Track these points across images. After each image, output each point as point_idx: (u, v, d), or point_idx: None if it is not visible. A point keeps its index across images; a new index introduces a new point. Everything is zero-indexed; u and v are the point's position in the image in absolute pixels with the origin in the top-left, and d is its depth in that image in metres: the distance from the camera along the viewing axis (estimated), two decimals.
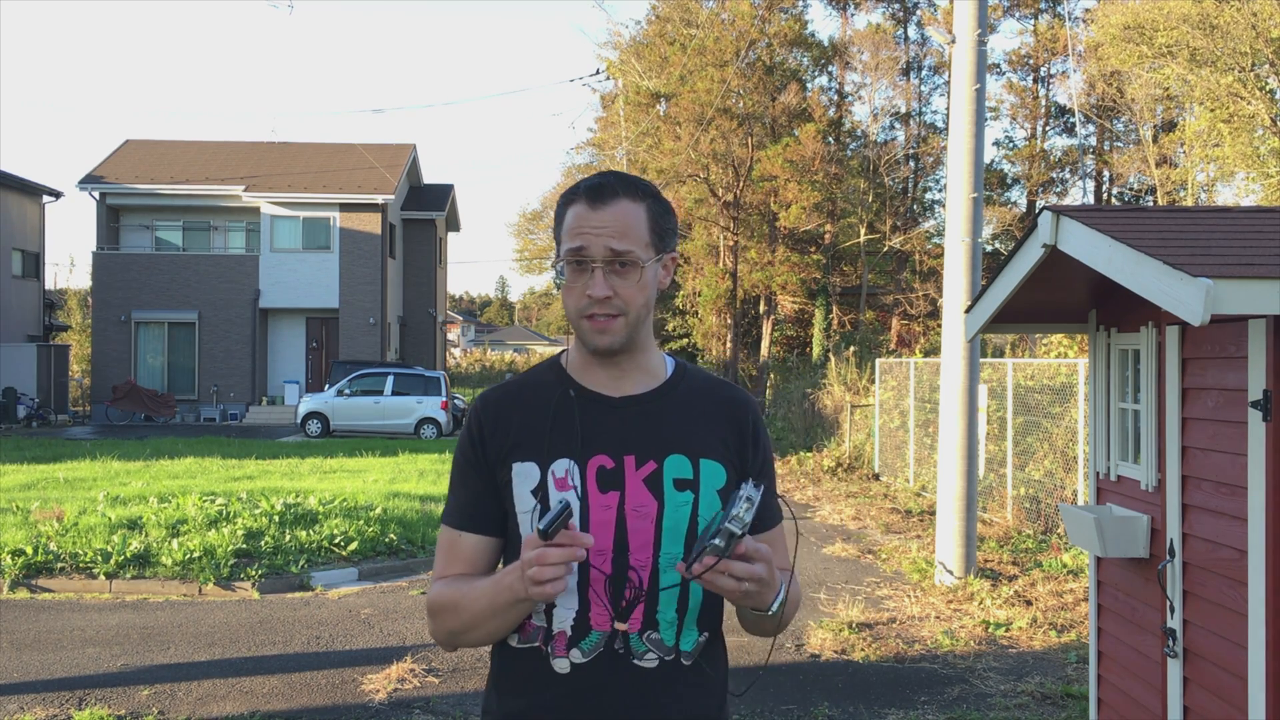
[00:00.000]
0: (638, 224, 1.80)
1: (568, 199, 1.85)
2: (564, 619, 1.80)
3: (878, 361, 18.08)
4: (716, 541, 1.63)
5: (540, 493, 1.82)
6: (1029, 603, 8.36)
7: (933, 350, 25.75)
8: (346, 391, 24.34)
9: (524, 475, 1.84)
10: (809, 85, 35.76)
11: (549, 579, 1.65)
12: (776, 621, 1.80)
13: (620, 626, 1.79)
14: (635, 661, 1.79)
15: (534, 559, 1.66)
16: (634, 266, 1.78)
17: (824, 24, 71.22)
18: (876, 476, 16.95)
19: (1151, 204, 28.37)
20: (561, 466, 1.82)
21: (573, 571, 1.74)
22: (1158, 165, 29.69)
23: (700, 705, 1.85)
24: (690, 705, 1.83)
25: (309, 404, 24.47)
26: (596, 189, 1.80)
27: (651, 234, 1.81)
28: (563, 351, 1.97)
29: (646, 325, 1.87)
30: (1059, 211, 3.88)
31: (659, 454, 1.83)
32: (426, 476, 15.22)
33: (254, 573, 9.10)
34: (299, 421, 24.48)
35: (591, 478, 1.81)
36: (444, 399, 24.27)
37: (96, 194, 30.92)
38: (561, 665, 1.80)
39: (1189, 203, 27.57)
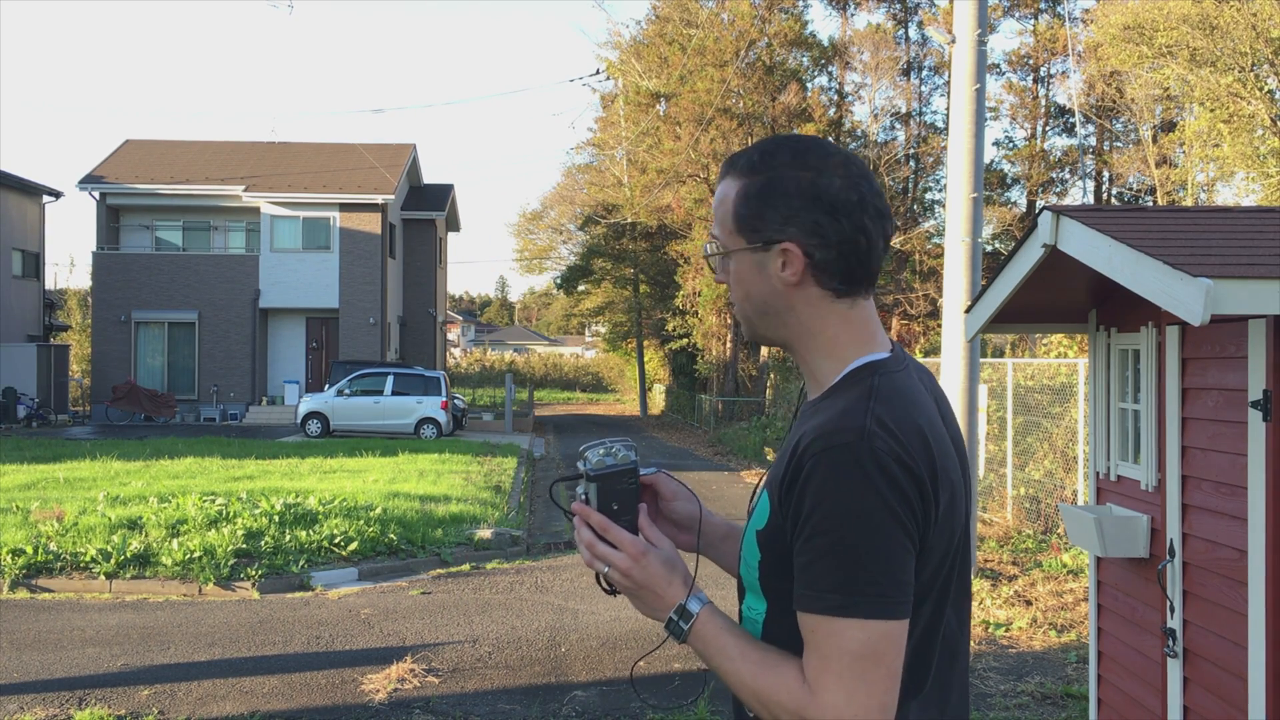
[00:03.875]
0: (725, 207, 1.55)
1: None
2: None
3: None
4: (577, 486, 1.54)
5: None
6: (1029, 603, 8.36)
7: (933, 350, 25.74)
8: (346, 391, 24.34)
9: None
10: (809, 85, 35.75)
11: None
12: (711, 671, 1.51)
13: None
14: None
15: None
16: (723, 255, 1.57)
17: (824, 24, 71.23)
18: None
19: (1151, 204, 28.33)
20: None
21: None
22: (1157, 165, 29.68)
23: None
24: None
25: (309, 404, 24.47)
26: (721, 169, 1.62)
27: (735, 218, 1.52)
28: None
29: (776, 326, 1.55)
30: (1059, 211, 3.88)
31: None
32: (426, 476, 15.21)
33: (254, 573, 9.10)
34: (299, 421, 24.49)
35: None
36: (444, 399, 24.29)
37: (96, 194, 30.92)
38: None
39: (1189, 203, 27.56)
